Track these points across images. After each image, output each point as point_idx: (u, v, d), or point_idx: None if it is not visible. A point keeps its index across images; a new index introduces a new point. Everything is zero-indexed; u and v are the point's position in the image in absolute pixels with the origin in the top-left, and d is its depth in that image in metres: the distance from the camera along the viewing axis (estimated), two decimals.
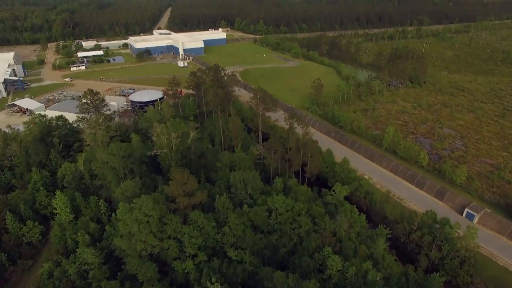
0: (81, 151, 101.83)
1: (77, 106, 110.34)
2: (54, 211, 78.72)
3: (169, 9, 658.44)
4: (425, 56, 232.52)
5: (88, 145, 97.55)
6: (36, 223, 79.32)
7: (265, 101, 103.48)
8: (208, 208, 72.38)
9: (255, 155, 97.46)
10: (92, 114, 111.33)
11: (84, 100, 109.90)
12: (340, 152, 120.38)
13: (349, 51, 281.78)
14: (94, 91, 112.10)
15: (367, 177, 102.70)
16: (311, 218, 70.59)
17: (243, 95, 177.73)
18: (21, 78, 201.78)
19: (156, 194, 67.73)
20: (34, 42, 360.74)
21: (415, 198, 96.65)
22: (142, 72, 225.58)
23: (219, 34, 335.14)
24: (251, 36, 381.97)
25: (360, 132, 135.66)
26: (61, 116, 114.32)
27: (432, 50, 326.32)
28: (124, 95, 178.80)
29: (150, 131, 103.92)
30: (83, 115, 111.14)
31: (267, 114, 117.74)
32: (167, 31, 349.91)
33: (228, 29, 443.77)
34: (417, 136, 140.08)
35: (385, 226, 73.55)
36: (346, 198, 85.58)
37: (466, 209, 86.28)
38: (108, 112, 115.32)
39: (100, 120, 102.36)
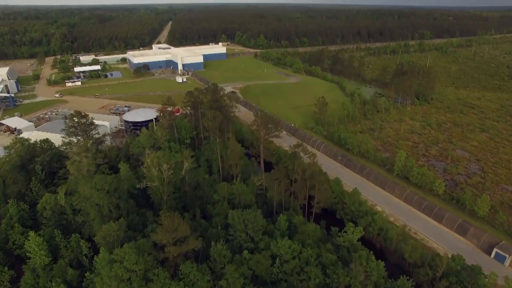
0: (66, 179, 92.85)
1: (63, 130, 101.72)
2: (28, 254, 69.14)
3: (170, 23, 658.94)
4: (431, 71, 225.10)
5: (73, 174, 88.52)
6: (6, 267, 69.61)
7: (268, 125, 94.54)
8: (203, 254, 62.86)
9: (257, 185, 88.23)
10: (80, 137, 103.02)
11: (71, 123, 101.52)
12: (348, 178, 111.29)
13: (352, 66, 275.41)
14: (82, 113, 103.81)
15: (379, 209, 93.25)
16: (321, 267, 60.94)
17: (244, 113, 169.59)
18: (12, 95, 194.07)
19: (142, 241, 58.28)
20: (32, 56, 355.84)
21: (434, 233, 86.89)
22: (139, 88, 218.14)
23: (219, 48, 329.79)
24: (251, 50, 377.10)
25: (368, 155, 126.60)
26: (46, 140, 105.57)
27: (436, 64, 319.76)
28: (119, 114, 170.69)
29: (141, 158, 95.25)
30: (70, 138, 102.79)
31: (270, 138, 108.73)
32: (166, 46, 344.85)
33: (228, 43, 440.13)
34: (429, 159, 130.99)
35: (404, 273, 63.83)
36: None
37: (495, 249, 76.51)
38: (97, 135, 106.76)
39: (88, 145, 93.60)
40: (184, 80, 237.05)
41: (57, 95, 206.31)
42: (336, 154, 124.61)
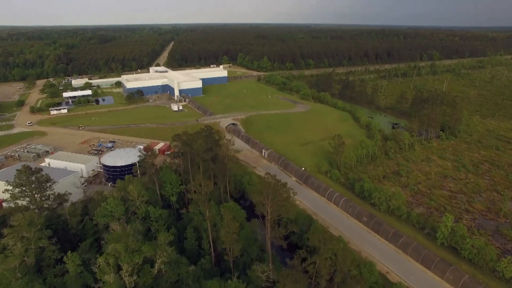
0: None
1: (6, 190, 77.55)
2: None
3: (172, 43, 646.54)
4: (456, 99, 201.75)
5: None
6: None
7: (277, 198, 69.16)
8: None
9: (262, 279, 62.93)
10: (32, 196, 78.93)
11: (19, 180, 77.48)
12: (380, 250, 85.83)
13: (365, 92, 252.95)
14: (33, 169, 79.86)
15: None
16: None
17: (245, 153, 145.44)
18: None
19: None
20: (23, 79, 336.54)
21: None
22: (129, 118, 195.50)
23: (220, 72, 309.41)
24: (254, 73, 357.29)
25: (400, 212, 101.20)
26: None
27: (452, 89, 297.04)
28: (100, 151, 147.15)
29: (105, 235, 70.80)
30: (17, 200, 78.78)
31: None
32: (164, 69, 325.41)
33: (230, 65, 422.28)
34: (474, 217, 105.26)
35: None
36: None
37: None
38: (56, 194, 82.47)
39: (34, 216, 69.29)
40: (180, 108, 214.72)
41: (28, 123, 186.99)
42: (360, 213, 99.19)
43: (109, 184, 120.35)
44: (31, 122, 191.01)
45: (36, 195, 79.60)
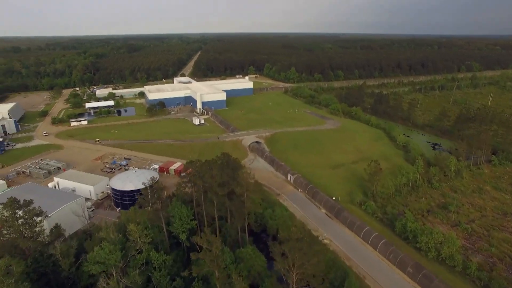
0: None
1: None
2: None
3: (199, 53, 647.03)
4: (508, 117, 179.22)
5: None
6: None
7: (306, 263, 53.66)
8: None
9: None
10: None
11: (3, 217, 67.07)
12: None
13: (400, 107, 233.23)
14: (21, 202, 69.23)
15: None
16: None
17: (269, 175, 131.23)
18: (0, 139, 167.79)
19: None
20: (52, 88, 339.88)
21: None
22: (148, 132, 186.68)
23: (245, 83, 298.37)
24: (281, 84, 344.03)
25: (453, 262, 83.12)
26: None
27: (498, 103, 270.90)
28: (113, 170, 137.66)
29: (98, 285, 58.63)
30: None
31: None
32: (188, 79, 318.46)
33: (256, 75, 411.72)
34: None
35: None
36: None
37: None
38: (42, 234, 71.63)
39: (14, 268, 58.23)
40: (202, 122, 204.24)
41: (44, 133, 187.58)
42: (404, 262, 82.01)
43: (117, 209, 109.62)
44: (46, 133, 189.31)
45: (25, 232, 69.05)
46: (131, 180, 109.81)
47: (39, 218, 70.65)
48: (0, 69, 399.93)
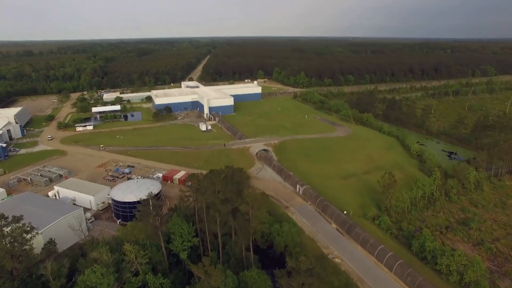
0: None
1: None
2: None
3: (208, 57, 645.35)
4: None
5: None
6: None
7: None
8: None
9: None
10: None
11: None
12: None
13: (413, 114, 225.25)
14: (9, 218, 64.51)
15: None
16: None
17: (276, 186, 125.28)
18: (4, 144, 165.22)
19: None
20: (60, 91, 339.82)
21: None
22: (154, 138, 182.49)
23: (253, 88, 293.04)
24: (290, 89, 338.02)
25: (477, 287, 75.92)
26: None
27: None
28: (116, 178, 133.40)
29: None
30: None
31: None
32: (195, 84, 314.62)
33: (265, 80, 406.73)
34: None
35: None
36: None
37: None
38: (31, 253, 66.95)
39: None
40: (209, 127, 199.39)
41: (48, 138, 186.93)
42: (422, 287, 75.01)
43: (118, 221, 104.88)
44: (51, 137, 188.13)
45: (13, 251, 64.38)
46: (132, 191, 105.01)
47: (29, 236, 65.89)
48: (11, 72, 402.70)
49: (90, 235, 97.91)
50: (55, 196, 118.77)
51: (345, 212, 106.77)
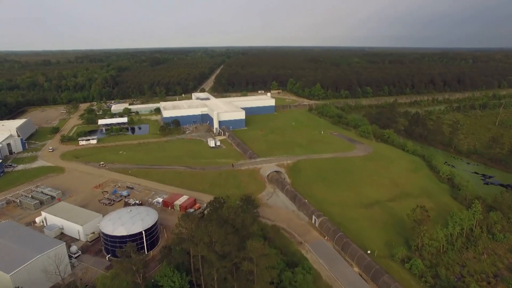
0: None
1: None
2: None
3: (221, 67, 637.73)
4: None
5: None
6: None
7: None
8: None
9: None
10: None
11: None
12: None
13: (440, 130, 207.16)
14: None
15: None
16: None
17: (289, 215, 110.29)
18: (0, 160, 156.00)
19: None
20: (70, 102, 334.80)
21: None
22: (158, 154, 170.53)
23: (266, 100, 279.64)
24: (305, 101, 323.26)
25: None
26: None
27: None
28: (112, 201, 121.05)
29: None
30: None
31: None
32: (206, 95, 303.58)
33: (279, 91, 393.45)
34: None
35: None
36: None
37: None
38: None
39: None
40: (218, 143, 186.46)
41: (49, 149, 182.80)
42: None
43: (107, 257, 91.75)
44: (52, 148, 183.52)
45: None
46: (123, 223, 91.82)
47: None
48: (25, 82, 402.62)
49: (73, 273, 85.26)
50: (43, 222, 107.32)
51: (369, 251, 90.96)
